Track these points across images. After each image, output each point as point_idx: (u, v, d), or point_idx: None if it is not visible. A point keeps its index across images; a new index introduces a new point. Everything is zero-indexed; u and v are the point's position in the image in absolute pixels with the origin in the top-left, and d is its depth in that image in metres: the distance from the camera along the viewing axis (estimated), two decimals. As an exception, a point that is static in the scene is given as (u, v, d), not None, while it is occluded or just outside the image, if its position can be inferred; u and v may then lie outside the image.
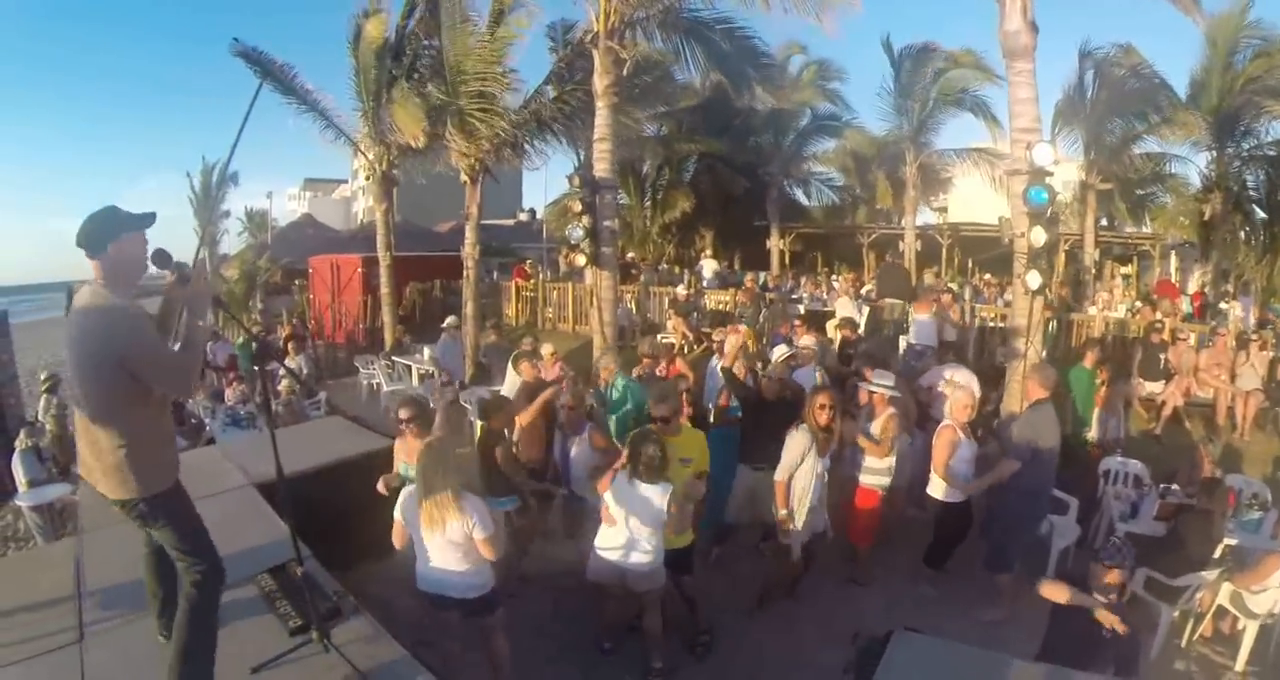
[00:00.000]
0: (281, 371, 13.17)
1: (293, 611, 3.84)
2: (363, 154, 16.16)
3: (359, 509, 5.59)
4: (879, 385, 6.59)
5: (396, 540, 4.32)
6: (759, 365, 8.28)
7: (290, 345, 14.30)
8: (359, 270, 19.56)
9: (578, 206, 10.09)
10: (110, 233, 3.11)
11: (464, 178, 14.03)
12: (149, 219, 3.24)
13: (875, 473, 6.42)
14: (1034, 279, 8.10)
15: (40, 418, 11.16)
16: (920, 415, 7.76)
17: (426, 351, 13.73)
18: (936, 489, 6.34)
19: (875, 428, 6.52)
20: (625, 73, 10.66)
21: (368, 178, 16.87)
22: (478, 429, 9.90)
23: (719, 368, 7.72)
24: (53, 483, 8.83)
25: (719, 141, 23.72)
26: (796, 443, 5.72)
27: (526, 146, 14.68)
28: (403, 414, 5.63)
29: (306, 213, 42.87)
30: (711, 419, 7.28)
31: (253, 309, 23.56)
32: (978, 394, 7.45)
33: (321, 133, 15.96)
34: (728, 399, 7.11)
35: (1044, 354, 9.70)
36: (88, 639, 3.80)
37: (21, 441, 9.35)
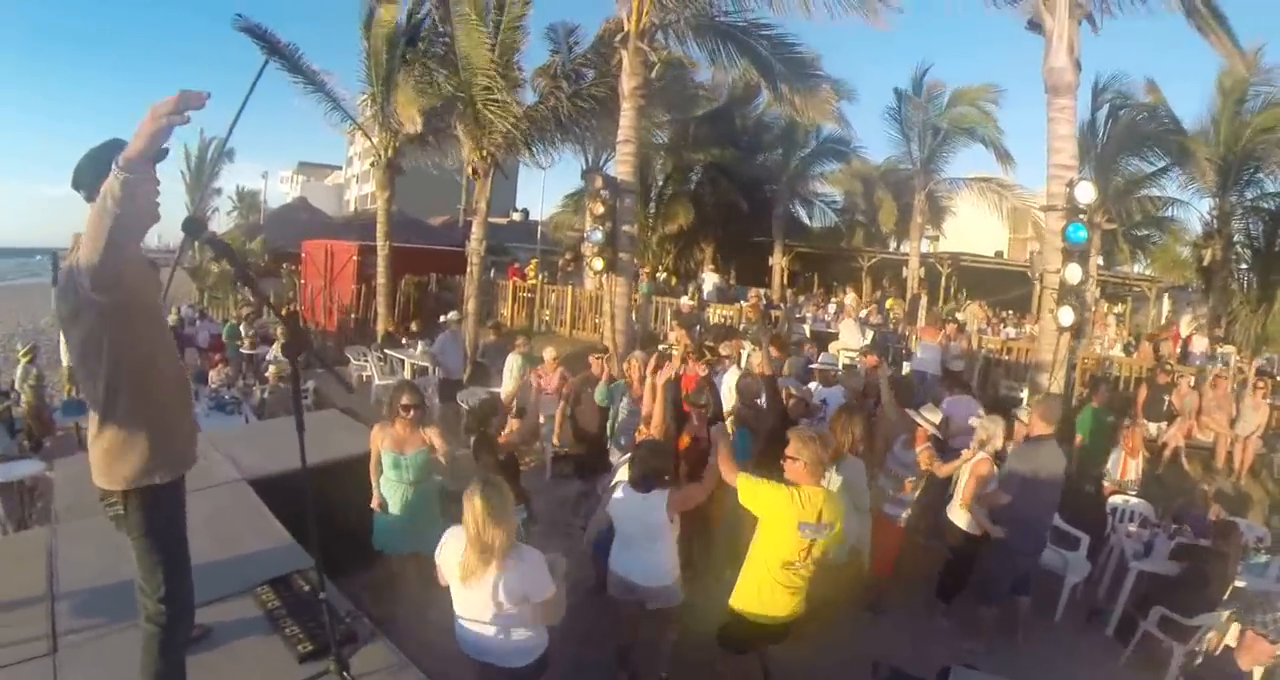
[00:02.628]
0: (269, 356, 12.74)
1: (301, 633, 3.38)
2: (369, 139, 15.68)
3: (357, 512, 5.25)
4: (926, 420, 6.44)
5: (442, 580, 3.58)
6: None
7: (280, 330, 13.75)
8: (354, 258, 19.09)
9: (599, 207, 9.69)
10: (110, 169, 2.56)
11: (472, 171, 13.58)
12: (160, 154, 2.64)
13: (898, 504, 6.27)
14: (1067, 315, 8.15)
15: (16, 386, 10.60)
16: (938, 445, 7.54)
17: (420, 346, 13.29)
18: (960, 518, 6.16)
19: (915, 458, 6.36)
20: (653, 75, 10.34)
21: (371, 164, 16.39)
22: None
23: (733, 381, 7.55)
24: (21, 459, 8.07)
25: (727, 154, 23.44)
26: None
27: (538, 144, 14.28)
28: (405, 399, 5.14)
29: (301, 196, 42.20)
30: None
31: (240, 290, 23.02)
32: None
33: (326, 116, 15.56)
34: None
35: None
36: (61, 652, 3.30)
37: (-12, 412, 8.13)
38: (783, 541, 4.02)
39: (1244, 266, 19.21)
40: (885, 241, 29.73)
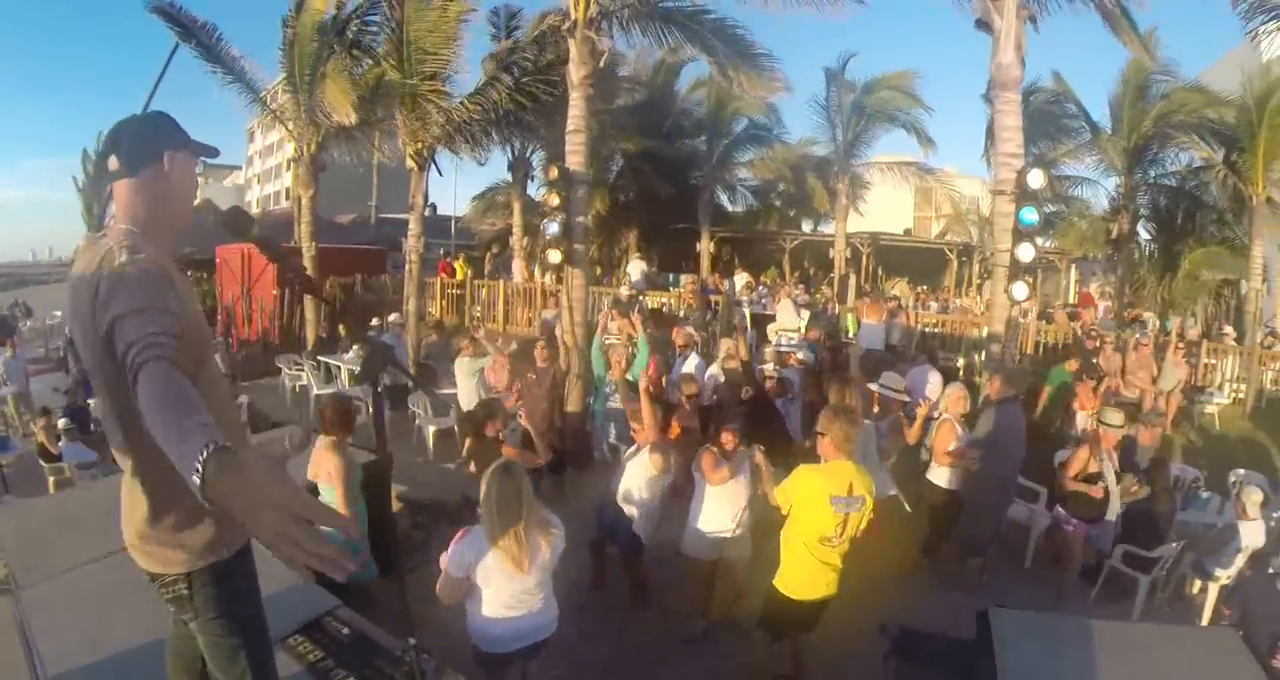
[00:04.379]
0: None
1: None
2: (289, 133, 14.82)
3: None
4: (889, 389, 6.94)
5: (449, 596, 3.40)
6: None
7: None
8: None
9: (554, 199, 9.37)
10: (167, 141, 2.13)
11: (410, 164, 13.03)
12: (210, 151, 2.31)
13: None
14: (1020, 290, 8.93)
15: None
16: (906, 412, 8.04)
17: (355, 350, 12.70)
18: (940, 477, 6.69)
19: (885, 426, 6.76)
20: (601, 64, 10.10)
21: (290, 161, 15.58)
22: (431, 435, 9.38)
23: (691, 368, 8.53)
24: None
25: (649, 142, 23.29)
26: None
27: (474, 137, 13.82)
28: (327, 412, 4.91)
29: (206, 198, 40.24)
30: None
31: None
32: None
33: (246, 108, 14.70)
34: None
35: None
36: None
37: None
38: (818, 517, 4.11)
39: (1148, 238, 21.20)
40: (799, 224, 30.19)
